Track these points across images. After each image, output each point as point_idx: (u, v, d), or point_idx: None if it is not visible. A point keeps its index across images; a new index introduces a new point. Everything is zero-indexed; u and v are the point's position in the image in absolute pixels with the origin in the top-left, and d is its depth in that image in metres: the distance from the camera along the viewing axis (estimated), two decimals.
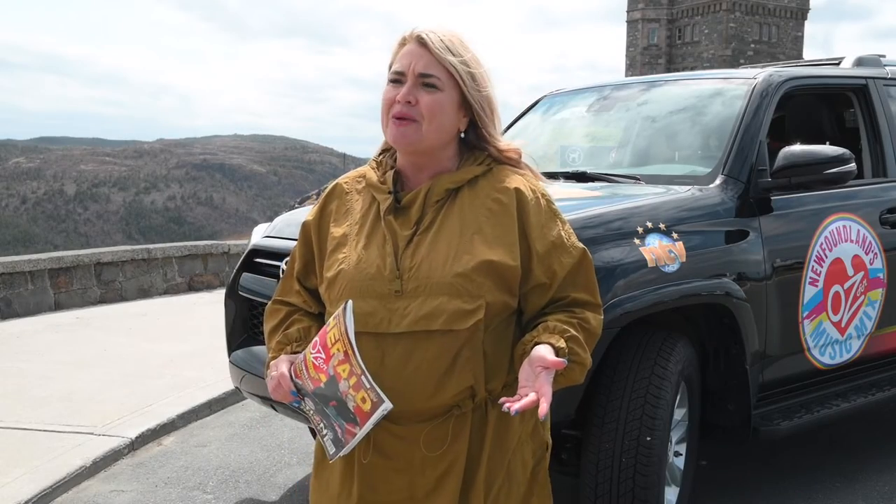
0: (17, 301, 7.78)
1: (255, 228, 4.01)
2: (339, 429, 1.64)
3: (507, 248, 1.66)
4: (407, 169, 1.75)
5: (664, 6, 78.65)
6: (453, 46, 1.68)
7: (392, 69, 1.71)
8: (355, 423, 1.61)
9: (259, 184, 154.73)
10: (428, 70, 1.66)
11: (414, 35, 1.69)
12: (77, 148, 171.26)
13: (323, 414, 1.66)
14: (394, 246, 1.67)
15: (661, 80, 4.37)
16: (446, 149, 1.73)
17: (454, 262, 1.63)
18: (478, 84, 1.69)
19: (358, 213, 1.76)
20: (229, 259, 9.75)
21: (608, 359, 2.92)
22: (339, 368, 1.60)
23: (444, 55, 1.66)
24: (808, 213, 3.57)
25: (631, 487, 2.84)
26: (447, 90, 1.67)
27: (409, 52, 1.69)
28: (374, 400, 1.57)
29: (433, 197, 1.69)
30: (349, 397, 1.60)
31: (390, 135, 1.69)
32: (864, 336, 3.75)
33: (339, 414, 1.63)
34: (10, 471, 3.92)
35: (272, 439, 4.63)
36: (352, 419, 1.61)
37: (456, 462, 1.68)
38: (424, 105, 1.66)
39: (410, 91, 1.66)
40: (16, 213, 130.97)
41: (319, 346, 1.64)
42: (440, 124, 1.68)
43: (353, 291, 1.67)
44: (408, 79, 1.67)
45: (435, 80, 1.66)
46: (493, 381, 1.69)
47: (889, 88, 4.17)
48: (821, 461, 4.10)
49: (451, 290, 1.61)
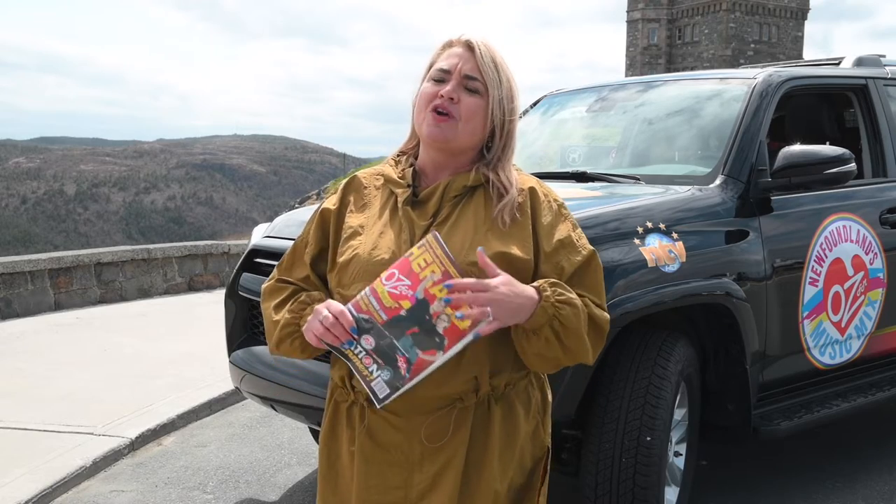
0: (17, 301, 7.78)
1: (255, 228, 4.02)
2: (405, 363, 1.63)
3: (520, 242, 1.69)
4: (427, 167, 1.78)
5: (664, 6, 78.62)
6: (498, 60, 1.73)
7: (436, 67, 1.75)
8: (438, 348, 1.61)
9: (259, 184, 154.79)
10: (474, 73, 1.71)
11: (463, 40, 1.75)
12: (77, 148, 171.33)
13: (383, 351, 1.64)
14: (410, 234, 1.71)
15: (661, 80, 4.37)
16: (470, 153, 1.76)
17: (469, 252, 1.65)
18: (504, 103, 1.73)
19: (376, 207, 1.79)
20: (229, 259, 9.75)
21: (608, 359, 2.92)
22: (433, 289, 1.60)
23: (489, 65, 1.71)
24: (808, 213, 3.57)
25: (631, 487, 2.84)
26: (485, 98, 1.72)
27: (457, 54, 1.74)
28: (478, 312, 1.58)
29: (451, 192, 1.73)
30: (442, 317, 1.60)
31: (427, 128, 1.72)
32: (864, 336, 3.75)
33: (416, 343, 1.62)
34: (10, 471, 3.91)
35: (272, 439, 4.63)
36: (434, 345, 1.61)
37: (455, 457, 1.68)
38: (464, 106, 1.70)
39: (455, 89, 1.71)
40: (16, 213, 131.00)
41: (400, 274, 1.63)
42: (474, 127, 1.72)
43: (366, 276, 1.68)
44: (453, 77, 1.72)
45: (478, 85, 1.71)
46: (497, 375, 1.69)
47: (889, 88, 4.18)
48: (821, 461, 4.10)
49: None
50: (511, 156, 1.78)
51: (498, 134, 1.74)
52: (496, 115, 1.72)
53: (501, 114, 1.73)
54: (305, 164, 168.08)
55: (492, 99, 1.72)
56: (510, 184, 1.73)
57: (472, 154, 1.76)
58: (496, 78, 1.72)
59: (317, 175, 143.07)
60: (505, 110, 1.73)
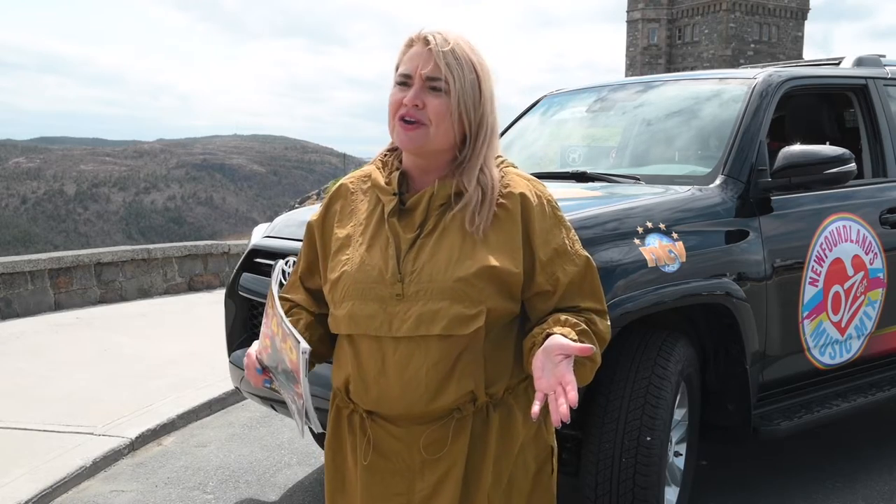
0: (17, 301, 7.78)
1: (255, 228, 4.02)
2: (294, 396, 1.64)
3: (509, 254, 1.64)
4: (413, 170, 1.73)
5: (664, 6, 78.61)
6: (459, 51, 1.63)
7: (398, 71, 1.67)
8: (296, 380, 1.60)
9: (259, 184, 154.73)
10: (434, 73, 1.62)
11: (421, 36, 1.66)
12: (77, 148, 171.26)
13: (284, 386, 1.66)
14: (396, 249, 1.66)
15: (661, 80, 4.37)
16: (451, 152, 1.69)
17: (456, 266, 1.61)
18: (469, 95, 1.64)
19: (363, 214, 1.74)
20: (229, 259, 9.75)
21: (608, 359, 2.92)
22: (272, 326, 1.63)
23: (449, 60, 1.62)
24: (808, 213, 3.57)
25: (631, 487, 2.84)
26: (453, 94, 1.63)
27: (416, 54, 1.65)
28: (293, 345, 1.56)
29: (437, 201, 1.67)
30: (284, 353, 1.61)
31: (398, 138, 1.67)
32: (864, 336, 3.75)
33: (287, 378, 1.63)
34: (10, 471, 3.92)
35: (272, 439, 4.63)
36: (293, 379, 1.61)
37: (454, 465, 1.67)
38: (432, 109, 1.63)
39: (417, 94, 1.63)
40: (16, 213, 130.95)
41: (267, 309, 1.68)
42: (447, 129, 1.64)
43: (355, 294, 1.66)
44: (414, 82, 1.64)
45: (441, 84, 1.62)
46: (494, 385, 1.68)
47: (889, 88, 4.17)
48: (821, 461, 4.10)
49: (452, 294, 1.60)
50: (482, 154, 1.67)
51: (468, 131, 1.65)
52: (463, 111, 1.63)
53: (467, 107, 1.63)
54: (305, 164, 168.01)
55: (453, 95, 1.62)
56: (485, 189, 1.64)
57: (453, 153, 1.69)
58: (458, 72, 1.61)
59: (317, 175, 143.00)
60: (470, 104, 1.63)
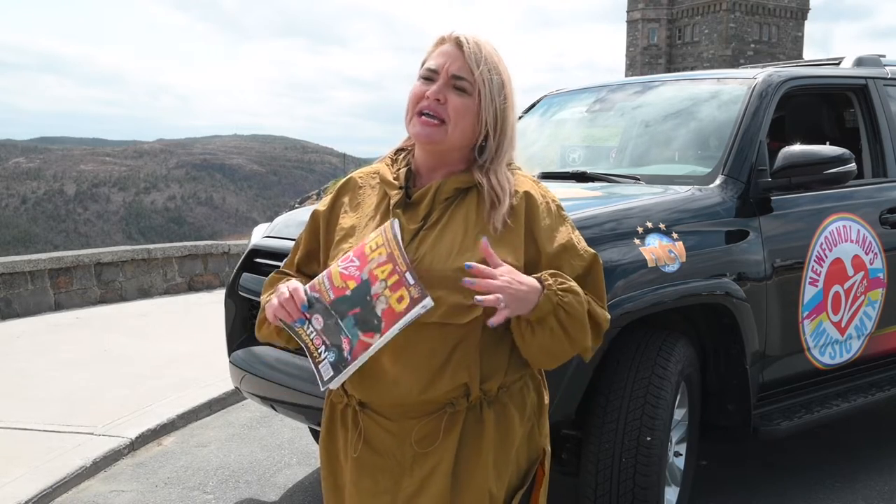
0: (17, 301, 7.78)
1: (255, 228, 4.02)
2: (349, 345, 1.63)
3: (510, 248, 1.66)
4: (422, 167, 1.76)
5: (664, 6, 78.62)
6: (489, 57, 1.69)
7: (425, 66, 1.72)
8: (376, 330, 1.60)
9: (259, 184, 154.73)
10: (461, 73, 1.67)
11: (453, 37, 1.71)
12: (77, 148, 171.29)
13: (330, 331, 1.65)
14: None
15: (661, 80, 4.37)
16: (462, 152, 1.73)
17: (457, 257, 1.63)
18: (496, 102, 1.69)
19: (369, 207, 1.77)
20: (229, 259, 9.75)
21: (608, 359, 2.92)
22: (376, 271, 1.61)
23: (479, 63, 1.67)
24: (808, 214, 3.57)
25: (631, 487, 2.84)
26: (475, 96, 1.68)
27: (446, 52, 1.70)
28: (416, 296, 1.57)
29: (442, 195, 1.70)
30: (381, 299, 1.60)
31: (414, 130, 1.71)
32: (864, 336, 3.75)
33: (357, 323, 1.62)
34: (10, 471, 3.91)
35: (272, 439, 4.63)
36: (373, 326, 1.60)
37: (442, 461, 1.67)
38: (452, 106, 1.67)
39: (441, 90, 1.68)
40: (16, 213, 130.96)
41: (354, 256, 1.65)
42: (464, 128, 1.69)
43: None
44: (440, 77, 1.68)
45: (466, 84, 1.67)
46: (488, 381, 1.68)
47: (889, 88, 4.17)
48: (821, 461, 4.10)
49: (451, 283, 1.61)
50: (505, 157, 1.72)
51: (491, 134, 1.70)
52: (487, 115, 1.68)
53: (493, 113, 1.69)
54: (305, 164, 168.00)
55: (482, 98, 1.68)
56: (503, 190, 1.68)
57: (464, 153, 1.73)
58: (487, 76, 1.67)
59: (317, 175, 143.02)
60: (497, 109, 1.69)
